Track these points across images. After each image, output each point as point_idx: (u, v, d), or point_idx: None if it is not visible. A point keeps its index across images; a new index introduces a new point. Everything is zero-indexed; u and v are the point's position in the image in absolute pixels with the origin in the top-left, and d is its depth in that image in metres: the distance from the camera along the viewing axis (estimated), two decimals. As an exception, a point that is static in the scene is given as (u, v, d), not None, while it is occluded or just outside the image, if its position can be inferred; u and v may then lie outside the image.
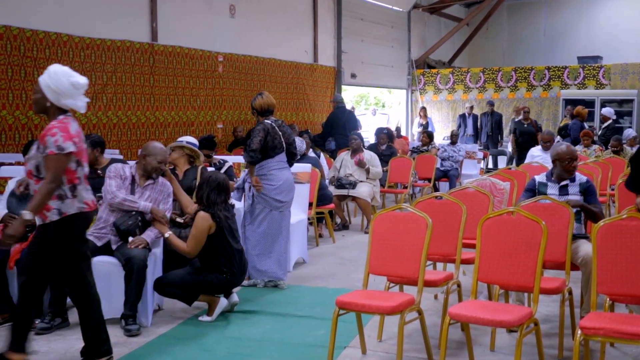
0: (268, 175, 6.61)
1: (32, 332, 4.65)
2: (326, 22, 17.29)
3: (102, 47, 11.04)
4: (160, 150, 5.75)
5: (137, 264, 5.22)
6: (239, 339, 5.12)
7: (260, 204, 6.60)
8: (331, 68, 17.49)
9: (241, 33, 14.21)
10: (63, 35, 10.40)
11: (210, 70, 13.26)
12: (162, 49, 12.15)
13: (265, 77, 14.88)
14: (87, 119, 10.77)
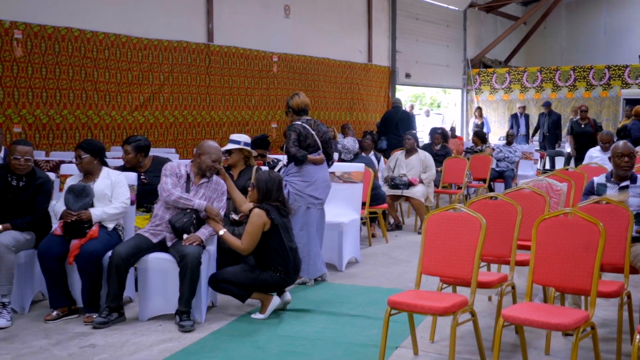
0: (302, 172, 6.68)
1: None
2: (381, 21, 17.24)
3: (160, 48, 11.24)
4: (215, 149, 5.82)
5: (191, 261, 5.29)
6: (291, 337, 5.15)
7: (298, 202, 6.65)
8: (385, 68, 17.43)
9: (296, 33, 14.28)
10: (122, 36, 10.62)
11: (265, 70, 13.36)
12: (218, 50, 12.29)
13: (319, 77, 14.92)
14: (145, 118, 10.97)
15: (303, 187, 6.64)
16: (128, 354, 4.79)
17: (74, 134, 10.01)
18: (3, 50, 9.08)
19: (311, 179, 6.68)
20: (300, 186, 6.63)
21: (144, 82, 11.00)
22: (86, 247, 5.43)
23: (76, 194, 5.63)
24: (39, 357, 4.72)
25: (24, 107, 9.36)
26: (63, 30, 9.80)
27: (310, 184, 6.67)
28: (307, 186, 6.66)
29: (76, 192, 5.65)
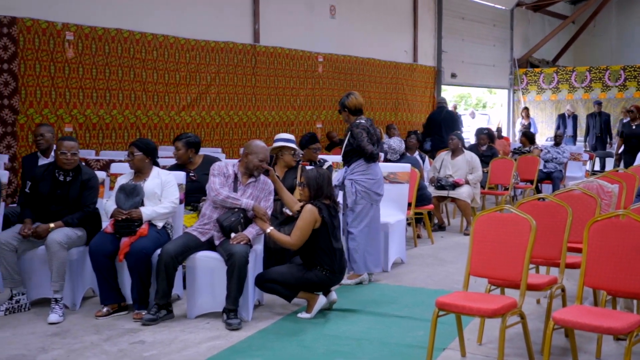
0: (368, 170, 6.74)
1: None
2: (426, 21, 17.14)
3: (207, 49, 11.35)
4: (262, 149, 5.86)
5: (239, 260, 5.33)
6: (337, 337, 5.15)
7: (364, 199, 6.70)
8: (431, 68, 17.33)
9: (341, 33, 14.28)
10: (170, 37, 10.76)
11: (310, 71, 13.40)
12: (264, 50, 12.37)
13: (365, 77, 14.90)
14: (192, 118, 11.10)
15: (370, 185, 6.71)
16: (176, 351, 4.85)
17: (123, 134, 10.17)
18: (55, 51, 9.27)
19: (376, 176, 6.78)
20: (368, 184, 6.70)
21: (191, 83, 11.13)
22: (136, 245, 5.52)
23: (127, 193, 5.74)
24: (90, 352, 4.81)
25: (75, 107, 9.54)
26: (113, 31, 9.96)
27: (376, 181, 6.76)
28: (374, 184, 6.74)
29: (127, 191, 5.75)
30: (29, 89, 8.99)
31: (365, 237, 6.70)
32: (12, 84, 8.78)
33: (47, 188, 5.82)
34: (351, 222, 6.73)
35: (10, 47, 8.75)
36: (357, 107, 6.83)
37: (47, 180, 5.85)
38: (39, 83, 9.11)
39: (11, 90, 8.78)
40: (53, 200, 5.80)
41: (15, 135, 8.85)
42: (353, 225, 6.72)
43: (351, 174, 6.78)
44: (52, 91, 9.26)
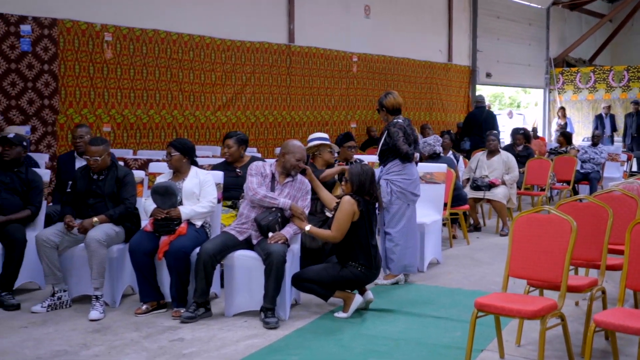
0: (404, 170, 6.72)
1: None
2: (461, 20, 17.05)
3: (242, 49, 11.43)
4: (299, 149, 5.89)
5: (276, 259, 5.36)
6: (374, 337, 5.15)
7: (400, 199, 6.69)
8: (466, 67, 17.22)
9: (375, 33, 14.27)
10: (206, 37, 10.85)
11: (344, 71, 13.41)
12: (299, 50, 12.41)
13: (399, 77, 14.87)
14: (227, 118, 11.18)
15: (407, 185, 6.69)
16: (215, 349, 4.89)
17: (160, 133, 10.28)
18: (94, 52, 9.41)
19: (412, 176, 6.75)
20: (405, 184, 6.68)
21: (226, 83, 11.21)
22: (175, 243, 5.58)
23: (161, 194, 5.75)
24: (130, 349, 4.88)
25: (113, 107, 9.67)
26: (150, 32, 10.08)
27: (412, 181, 6.74)
28: (410, 184, 6.72)
29: (160, 192, 5.76)
30: (68, 89, 9.14)
31: (403, 238, 6.69)
32: (52, 85, 8.93)
33: (83, 186, 5.98)
34: (388, 222, 6.73)
35: (51, 48, 8.90)
36: (395, 106, 6.81)
37: (83, 179, 6.03)
38: (79, 83, 9.26)
39: (51, 90, 8.93)
40: (89, 195, 5.96)
41: (55, 134, 9.00)
42: (390, 225, 6.71)
43: (387, 173, 6.77)
44: (91, 91, 9.40)
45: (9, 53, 8.51)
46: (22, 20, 8.65)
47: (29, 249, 6.01)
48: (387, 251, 6.67)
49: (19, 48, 8.62)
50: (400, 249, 6.67)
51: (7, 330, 5.24)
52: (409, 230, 6.77)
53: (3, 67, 8.46)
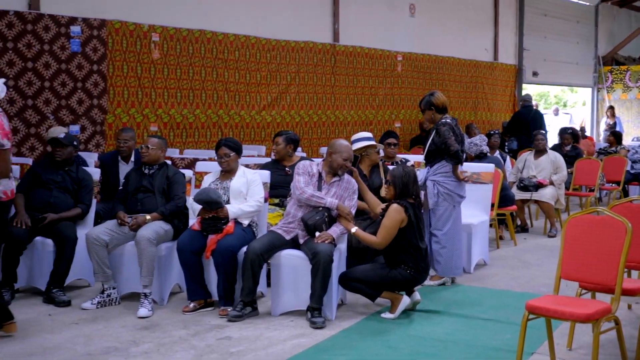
0: (451, 171, 6.65)
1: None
2: (507, 18, 16.81)
3: (287, 49, 11.44)
4: (346, 148, 5.87)
5: (323, 259, 5.35)
6: (422, 338, 5.11)
7: (446, 201, 6.63)
8: (512, 66, 16.98)
9: (420, 32, 14.16)
10: (251, 37, 10.89)
11: (389, 70, 13.33)
12: (343, 49, 12.38)
13: (444, 76, 14.73)
14: (272, 117, 11.21)
15: (454, 187, 6.63)
16: (262, 348, 4.91)
17: (206, 133, 10.35)
18: (142, 52, 9.51)
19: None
20: (451, 186, 6.62)
21: (271, 82, 11.23)
22: (222, 242, 5.61)
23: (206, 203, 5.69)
24: (179, 347, 4.91)
25: (160, 107, 9.77)
26: (196, 32, 10.15)
27: (459, 183, 6.68)
28: (457, 186, 6.66)
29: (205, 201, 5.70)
30: (117, 89, 9.26)
31: (450, 240, 6.63)
32: (101, 85, 9.06)
33: (134, 182, 6.15)
34: (434, 223, 6.66)
35: (100, 48, 9.02)
36: (444, 104, 6.76)
37: (136, 175, 6.21)
38: (126, 83, 9.37)
39: (100, 90, 9.05)
40: (139, 190, 6.10)
41: (103, 134, 9.13)
42: (437, 227, 6.65)
43: (433, 174, 6.70)
44: (138, 91, 9.50)
45: (60, 54, 8.65)
46: (72, 21, 8.78)
47: (79, 247, 6.11)
48: (434, 252, 6.61)
49: (69, 49, 8.76)
50: (447, 251, 6.61)
51: (58, 326, 5.33)
52: (456, 232, 6.70)
53: (54, 67, 8.60)
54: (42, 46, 8.48)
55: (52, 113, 8.60)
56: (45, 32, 8.50)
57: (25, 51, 8.32)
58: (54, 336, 5.10)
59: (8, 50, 8.19)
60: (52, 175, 6.28)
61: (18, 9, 8.35)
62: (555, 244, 8.51)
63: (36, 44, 8.43)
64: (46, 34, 8.52)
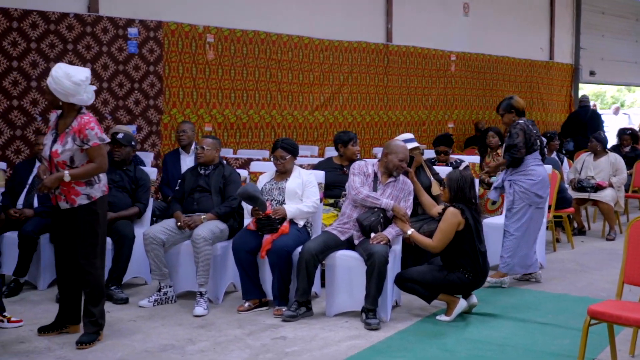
0: (528, 171, 6.59)
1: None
2: (564, 17, 16.50)
3: (340, 49, 11.43)
4: (402, 149, 5.83)
5: (378, 260, 5.32)
6: (479, 342, 5.03)
7: (522, 200, 6.57)
8: (568, 65, 16.67)
9: (474, 31, 14.00)
10: (304, 38, 10.91)
11: (442, 70, 13.21)
12: (396, 49, 12.31)
13: (498, 75, 14.54)
14: (325, 117, 11.21)
15: (530, 186, 6.56)
16: (317, 348, 4.90)
17: (259, 133, 10.41)
18: (197, 53, 9.61)
19: (538, 177, 6.61)
20: (528, 184, 6.56)
21: (324, 83, 11.24)
22: (278, 242, 5.63)
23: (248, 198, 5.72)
24: (234, 346, 4.94)
25: (214, 107, 9.86)
26: (250, 33, 10.21)
27: (536, 182, 6.59)
28: (534, 184, 6.57)
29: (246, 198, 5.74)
30: (172, 90, 9.37)
31: (519, 238, 6.57)
32: (157, 85, 9.18)
33: (191, 182, 6.23)
34: (507, 221, 6.66)
35: (156, 50, 9.15)
36: (523, 107, 6.80)
37: (192, 175, 6.29)
38: (182, 84, 9.48)
39: (156, 91, 9.18)
40: (196, 189, 6.18)
41: (159, 134, 9.25)
42: (510, 224, 6.63)
43: (511, 175, 6.67)
44: (193, 92, 9.61)
45: (117, 55, 8.80)
46: (130, 23, 8.92)
47: (136, 245, 6.21)
48: (503, 249, 6.61)
49: (126, 50, 8.90)
50: (513, 249, 6.55)
51: (117, 323, 5.41)
52: (529, 231, 6.63)
53: (112, 69, 8.76)
54: (100, 48, 8.64)
55: (109, 113, 8.75)
56: (103, 34, 8.66)
57: (84, 53, 8.49)
58: (113, 333, 5.18)
59: (68, 52, 8.36)
60: (110, 175, 6.36)
61: (78, 12, 8.53)
62: (614, 247, 8.34)
63: (95, 46, 8.59)
64: (104, 35, 8.67)
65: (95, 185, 4.88)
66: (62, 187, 4.79)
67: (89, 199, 4.84)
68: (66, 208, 4.84)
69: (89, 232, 4.87)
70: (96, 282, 4.95)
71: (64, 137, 4.81)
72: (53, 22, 8.23)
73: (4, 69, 7.89)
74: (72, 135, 4.79)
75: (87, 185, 4.83)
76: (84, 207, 4.83)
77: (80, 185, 4.80)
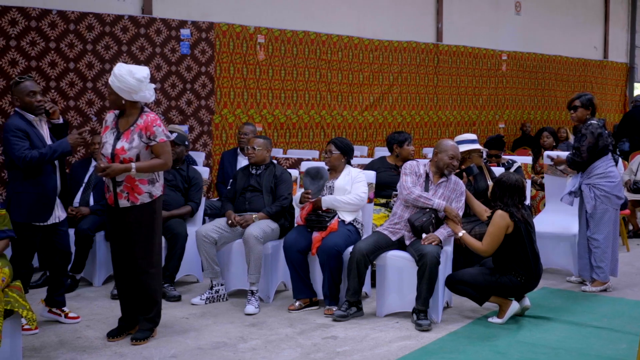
0: (607, 173, 6.42)
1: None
2: (618, 14, 16.18)
3: (390, 49, 11.40)
4: (452, 147, 5.79)
5: (430, 260, 5.29)
6: (532, 345, 4.96)
7: (604, 204, 6.40)
8: (623, 64, 16.33)
9: (526, 30, 13.82)
10: (354, 38, 10.91)
11: (493, 69, 13.07)
12: (447, 49, 12.23)
13: (550, 75, 14.32)
14: (374, 118, 11.20)
15: (611, 189, 6.39)
16: (368, 349, 4.90)
17: (308, 133, 10.45)
18: (248, 54, 9.70)
19: (616, 179, 6.46)
20: (609, 187, 6.39)
21: (374, 83, 11.22)
22: (328, 241, 5.65)
23: (312, 176, 5.96)
24: (286, 345, 4.97)
25: (265, 107, 9.93)
26: (301, 34, 10.26)
27: (616, 184, 6.44)
28: (614, 187, 6.42)
29: (312, 174, 5.98)
30: (223, 90, 9.47)
31: (608, 243, 6.42)
32: (209, 86, 9.29)
33: (242, 181, 6.31)
34: (593, 228, 6.43)
35: (208, 50, 9.25)
36: (597, 105, 6.62)
37: (243, 175, 6.37)
38: (233, 84, 9.57)
39: (208, 91, 9.29)
40: (247, 189, 6.26)
41: (210, 134, 9.35)
42: (597, 231, 6.41)
43: (588, 178, 6.47)
44: (244, 92, 9.69)
45: (170, 56, 8.93)
46: (182, 24, 9.04)
47: (188, 244, 6.30)
48: (595, 258, 6.41)
49: (179, 51, 9.02)
50: (607, 256, 6.41)
51: (170, 320, 5.49)
52: (614, 234, 6.51)
53: (164, 69, 8.89)
54: (153, 49, 8.78)
55: (162, 114, 8.88)
56: (156, 36, 8.80)
57: (138, 54, 8.64)
58: (166, 330, 5.25)
59: (122, 54, 8.51)
60: (164, 174, 6.47)
61: (132, 14, 8.68)
62: (673, 251, 8.14)
63: (148, 47, 8.73)
64: (158, 37, 8.81)
65: (156, 183, 4.96)
66: (126, 183, 4.84)
67: (150, 197, 4.91)
68: (126, 206, 4.90)
69: (149, 230, 4.93)
70: (154, 280, 5.01)
71: (129, 134, 4.87)
72: (108, 24, 8.39)
73: (61, 70, 8.07)
74: (137, 133, 4.87)
75: (150, 183, 4.91)
76: (145, 205, 4.90)
77: (143, 183, 4.88)
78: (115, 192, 4.87)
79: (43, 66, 7.94)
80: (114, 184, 4.86)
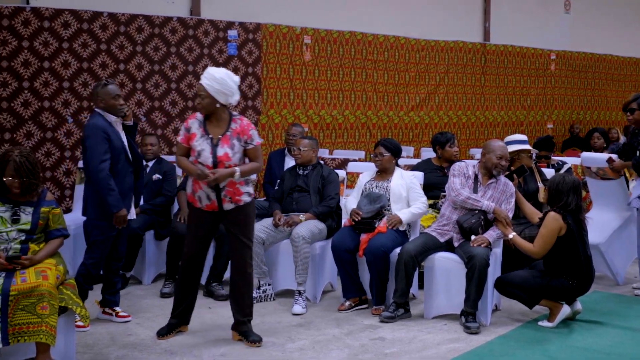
0: None
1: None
2: (671, 12, 15.80)
3: (436, 49, 11.32)
4: (500, 147, 5.72)
5: (479, 262, 5.24)
6: (584, 349, 4.88)
7: None
8: (675, 63, 15.93)
9: (575, 29, 13.59)
10: (401, 38, 10.87)
11: (542, 69, 12.87)
12: (494, 49, 12.09)
13: (601, 75, 14.04)
14: (420, 118, 11.13)
15: None
16: (417, 350, 4.87)
17: (354, 134, 10.44)
18: (294, 54, 9.73)
19: None
20: None
21: (420, 83, 11.16)
22: (375, 242, 5.63)
23: (371, 199, 5.90)
24: (333, 345, 4.97)
25: (311, 108, 9.95)
26: (347, 34, 10.25)
27: None
28: None
29: (372, 198, 5.91)
30: (270, 91, 9.52)
31: None
32: (255, 86, 9.35)
33: (290, 182, 6.35)
34: None
35: (255, 51, 9.31)
36: None
37: (291, 176, 6.41)
38: (279, 85, 9.61)
39: (255, 92, 9.35)
40: (295, 189, 6.29)
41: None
42: None
43: None
44: (290, 92, 9.73)
45: (218, 57, 9.01)
46: (230, 25, 9.12)
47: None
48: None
49: (226, 52, 9.10)
50: None
51: (218, 319, 5.54)
52: None
53: (212, 70, 8.97)
54: (201, 50, 8.87)
55: (210, 114, 8.97)
56: (204, 37, 8.89)
57: (186, 55, 8.74)
58: (214, 328, 5.30)
59: (171, 55, 8.62)
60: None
61: (180, 15, 8.79)
62: None
63: (196, 48, 8.82)
64: (205, 38, 8.90)
65: (250, 183, 5.07)
66: (228, 188, 4.89)
67: (249, 196, 5.01)
68: (230, 209, 4.97)
69: (250, 229, 5.07)
70: (252, 280, 5.15)
71: (228, 140, 4.90)
72: (157, 26, 8.51)
73: (112, 71, 8.20)
74: (236, 137, 4.93)
75: (247, 184, 5.00)
76: (247, 204, 5.01)
77: (242, 184, 4.97)
78: (219, 198, 4.91)
79: (94, 67, 8.08)
80: (217, 190, 4.90)
